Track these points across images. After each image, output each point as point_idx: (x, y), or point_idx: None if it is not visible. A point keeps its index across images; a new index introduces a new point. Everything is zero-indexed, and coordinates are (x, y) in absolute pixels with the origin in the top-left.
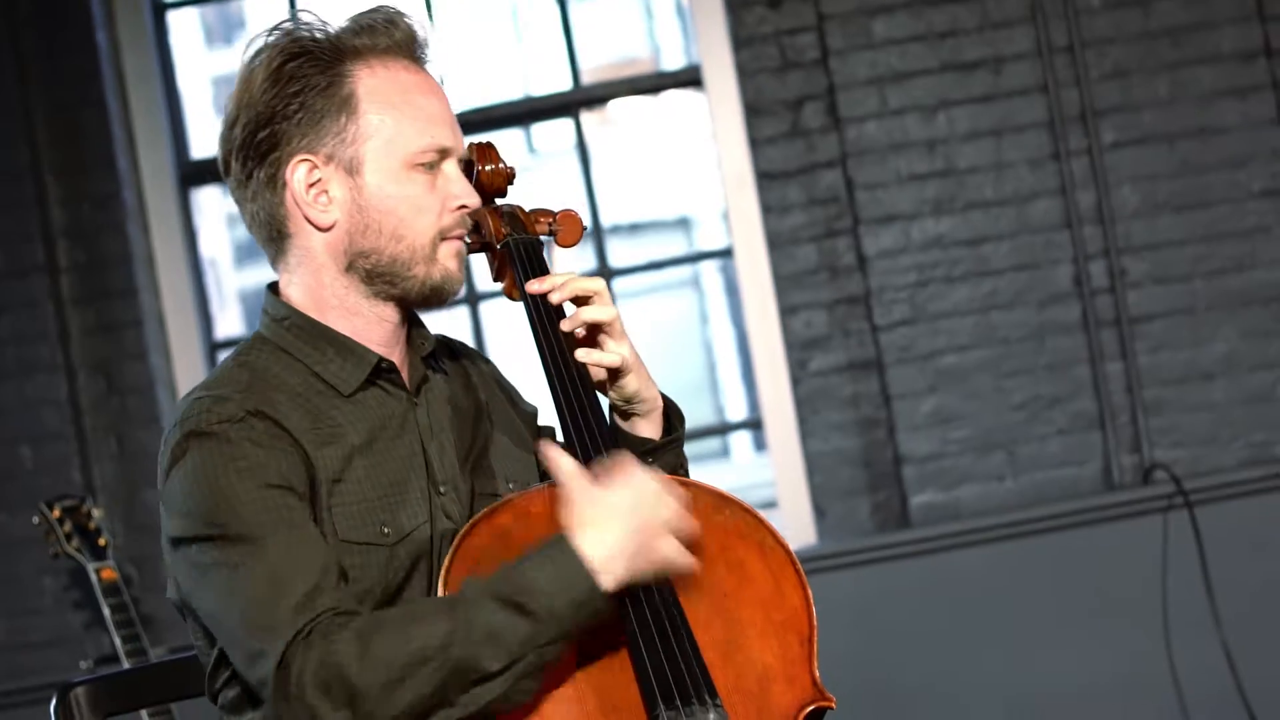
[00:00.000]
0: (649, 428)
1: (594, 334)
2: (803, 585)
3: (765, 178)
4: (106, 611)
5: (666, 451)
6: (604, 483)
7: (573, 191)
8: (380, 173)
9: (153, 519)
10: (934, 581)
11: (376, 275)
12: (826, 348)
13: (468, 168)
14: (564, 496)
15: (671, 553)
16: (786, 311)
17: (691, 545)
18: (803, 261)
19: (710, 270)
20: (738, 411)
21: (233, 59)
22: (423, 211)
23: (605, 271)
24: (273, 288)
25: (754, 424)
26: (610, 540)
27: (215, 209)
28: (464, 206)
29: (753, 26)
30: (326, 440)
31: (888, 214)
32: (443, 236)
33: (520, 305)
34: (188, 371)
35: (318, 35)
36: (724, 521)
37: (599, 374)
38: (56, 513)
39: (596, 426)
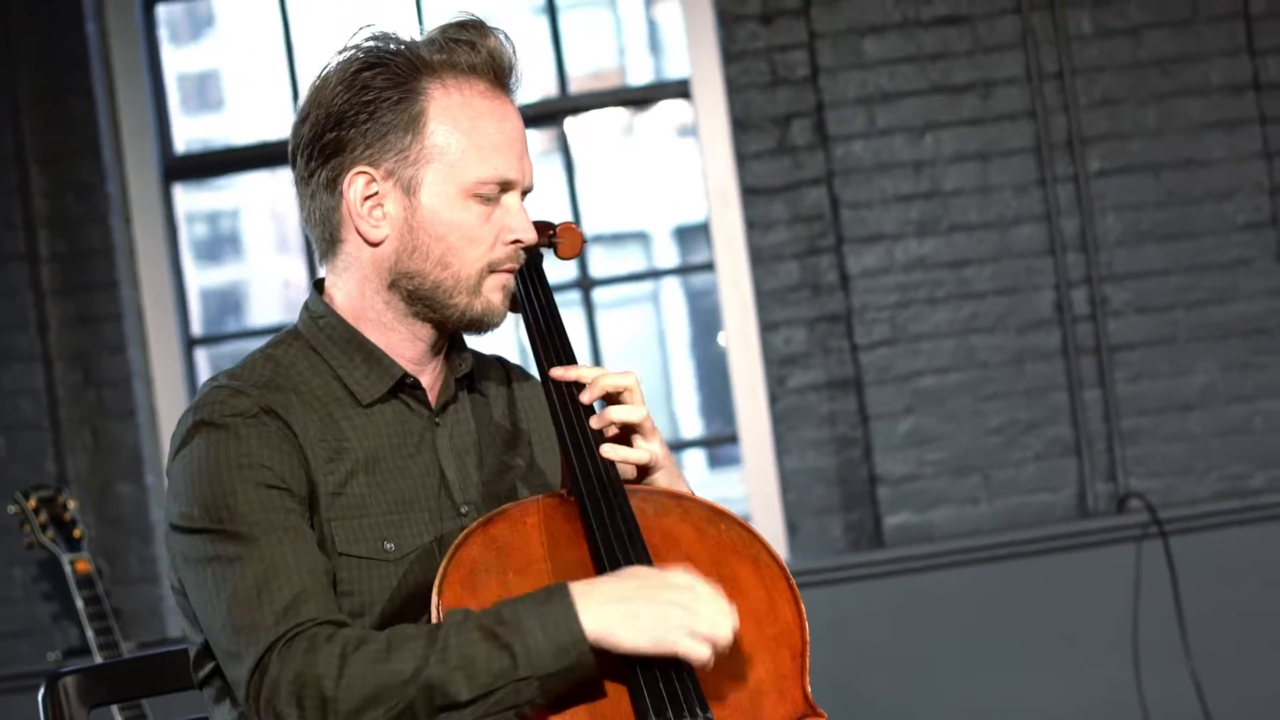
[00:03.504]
0: None
1: (624, 432)
2: (796, 600)
3: (750, 193)
4: (80, 603)
5: None
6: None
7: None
8: (437, 197)
9: (125, 512)
10: (905, 603)
11: (418, 298)
12: (806, 365)
13: None
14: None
15: (674, 640)
16: (767, 327)
17: (687, 560)
18: (785, 278)
19: (671, 286)
20: (691, 429)
21: (199, 57)
22: (474, 242)
23: (585, 281)
24: (318, 285)
25: (707, 442)
26: (612, 600)
27: (180, 205)
28: (518, 241)
29: (744, 42)
30: (331, 454)
31: (872, 233)
32: (491, 269)
33: (519, 318)
34: (165, 366)
35: (400, 47)
36: (718, 535)
37: (628, 471)
38: (32, 503)
39: (625, 526)
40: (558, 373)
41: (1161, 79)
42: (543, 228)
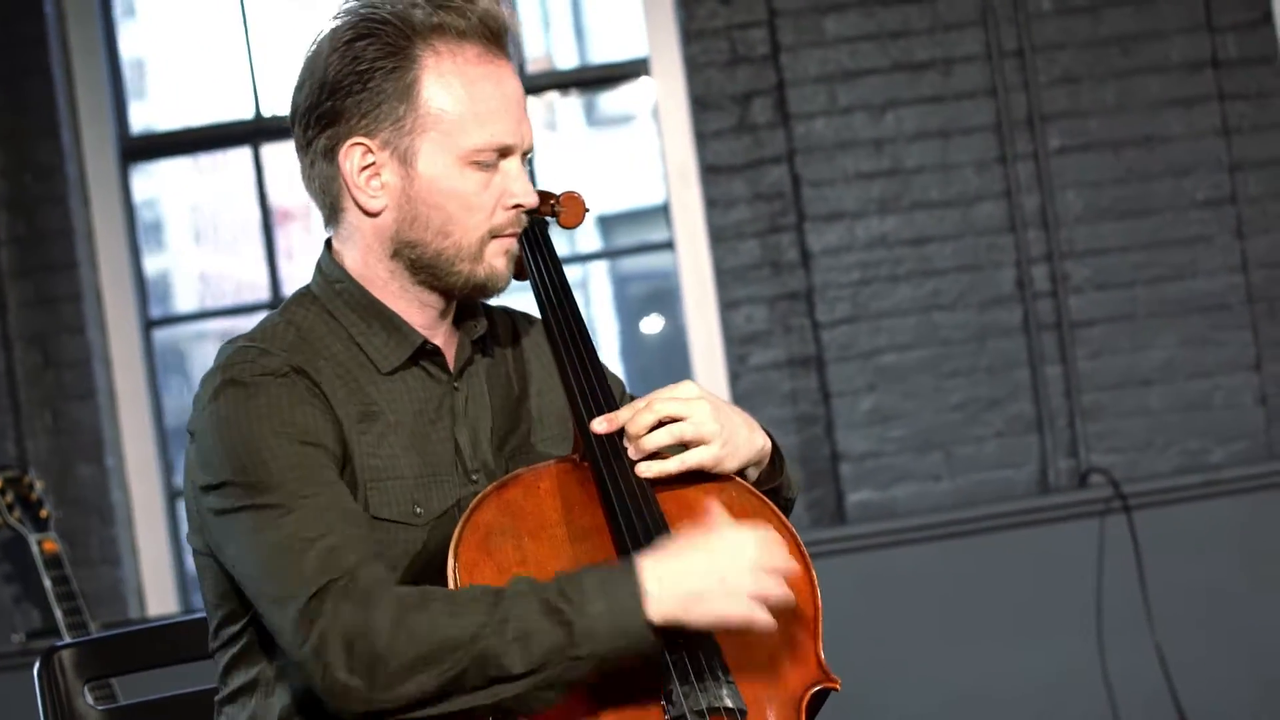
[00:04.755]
0: (755, 474)
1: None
2: (808, 566)
3: (710, 171)
4: (48, 584)
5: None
6: (704, 533)
7: None
8: (434, 166)
9: (85, 494)
10: (868, 579)
11: (421, 266)
12: (767, 343)
13: None
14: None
15: (740, 612)
16: (727, 306)
17: (701, 525)
18: (745, 256)
19: (598, 270)
20: None
21: (126, 42)
22: (474, 209)
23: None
24: (329, 245)
25: None
26: (678, 581)
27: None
28: (519, 205)
29: (703, 20)
30: (363, 416)
31: (833, 211)
32: (493, 235)
33: (527, 285)
34: (124, 347)
35: (393, 13)
36: (730, 502)
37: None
38: None
39: (639, 490)
40: (600, 428)
41: (1121, 56)
42: (545, 197)
